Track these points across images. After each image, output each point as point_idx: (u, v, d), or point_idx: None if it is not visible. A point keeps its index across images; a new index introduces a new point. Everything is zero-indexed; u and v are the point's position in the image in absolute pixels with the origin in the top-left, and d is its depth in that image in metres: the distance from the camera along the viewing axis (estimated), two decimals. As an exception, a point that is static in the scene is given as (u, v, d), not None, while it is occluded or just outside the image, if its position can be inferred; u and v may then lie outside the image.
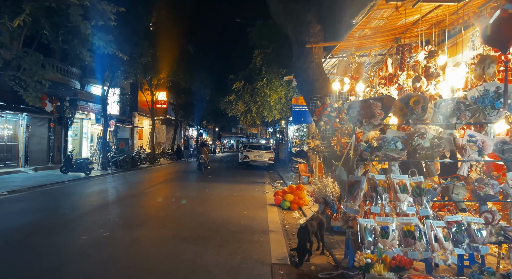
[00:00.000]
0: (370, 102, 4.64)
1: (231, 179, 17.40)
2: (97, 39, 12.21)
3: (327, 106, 7.43)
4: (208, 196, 11.60)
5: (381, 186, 4.43)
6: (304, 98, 8.07)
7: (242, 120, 17.14)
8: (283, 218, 8.69)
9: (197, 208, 9.46)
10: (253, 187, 14.33)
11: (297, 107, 13.76)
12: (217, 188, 13.87)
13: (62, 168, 18.29)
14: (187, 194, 11.96)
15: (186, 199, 10.99)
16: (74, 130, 26.04)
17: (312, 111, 7.63)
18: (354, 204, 4.45)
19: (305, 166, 15.74)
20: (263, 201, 10.84)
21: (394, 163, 4.67)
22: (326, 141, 7.39)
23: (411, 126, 4.74)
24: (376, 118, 4.61)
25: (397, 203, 4.33)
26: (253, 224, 7.73)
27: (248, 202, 10.67)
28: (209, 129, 64.64)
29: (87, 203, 10.07)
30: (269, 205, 10.13)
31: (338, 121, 7.37)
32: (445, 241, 4.12)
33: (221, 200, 10.81)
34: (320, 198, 7.16)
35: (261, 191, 13.09)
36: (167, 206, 9.69)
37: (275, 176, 20.25)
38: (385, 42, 8.33)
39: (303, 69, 7.77)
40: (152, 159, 28.42)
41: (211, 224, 7.57)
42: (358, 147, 4.66)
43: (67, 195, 11.84)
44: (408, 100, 4.70)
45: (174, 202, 10.34)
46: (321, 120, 7.42)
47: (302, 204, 9.91)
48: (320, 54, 7.84)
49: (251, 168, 24.23)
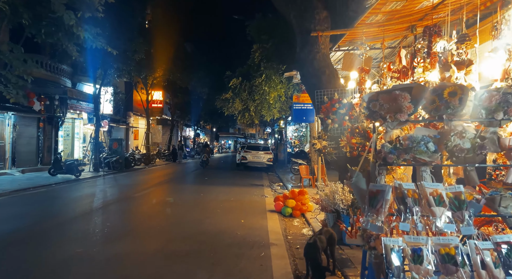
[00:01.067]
0: (396, 93, 3.77)
1: (228, 182, 16.52)
2: (84, 32, 11.31)
3: (335, 102, 6.57)
4: (203, 201, 10.72)
5: (411, 197, 3.57)
6: (309, 93, 7.21)
7: (240, 119, 16.26)
8: (285, 227, 7.82)
9: (189, 215, 8.58)
10: (251, 191, 13.46)
11: (298, 105, 12.90)
12: (213, 191, 12.99)
13: (50, 170, 17.40)
14: (180, 199, 11.08)
15: (178, 204, 10.12)
16: (66, 130, 25.11)
17: (318, 107, 6.77)
18: (377, 220, 3.59)
19: (306, 168, 14.88)
20: (262, 207, 9.97)
21: (425, 169, 3.81)
22: (334, 142, 6.53)
23: (445, 123, 3.88)
24: (403, 113, 3.75)
25: (431, 218, 3.47)
26: (252, 235, 6.85)
27: (246, 207, 9.80)
28: (206, 130, 63.73)
29: (69, 210, 9.19)
30: (269, 212, 9.26)
31: (348, 119, 6.51)
32: (495, 267, 3.26)
33: (216, 206, 9.94)
34: (328, 206, 6.31)
35: (259, 195, 12.22)
36: (157, 213, 8.80)
37: (274, 178, 19.39)
38: (398, 31, 7.47)
39: (308, 61, 6.91)
40: (147, 160, 27.52)
41: (204, 235, 6.70)
42: (382, 149, 3.79)
43: (50, 200, 10.94)
44: (441, 90, 3.84)
45: (164, 208, 9.46)
46: (329, 118, 6.56)
47: (305, 211, 9.05)
48: (326, 44, 6.98)
49: (249, 170, 23.38)
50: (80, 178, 17.10)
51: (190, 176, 18.53)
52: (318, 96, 6.78)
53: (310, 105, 12.88)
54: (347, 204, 5.97)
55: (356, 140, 6.36)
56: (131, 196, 11.37)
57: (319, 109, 6.75)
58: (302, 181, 14.47)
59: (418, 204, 3.56)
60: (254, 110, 15.51)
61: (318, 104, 6.78)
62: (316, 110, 6.90)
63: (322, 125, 6.76)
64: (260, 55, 13.75)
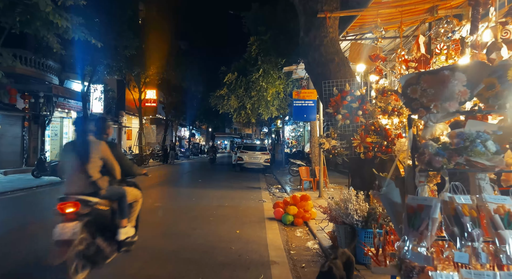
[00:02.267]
0: (444, 74, 2.79)
1: (223, 184, 15.51)
2: (64, 21, 10.27)
3: (347, 94, 5.58)
4: (194, 207, 9.70)
5: (468, 215, 2.60)
6: (315, 84, 6.22)
7: (236, 118, 15.25)
8: (287, 239, 6.82)
9: (177, 225, 7.55)
10: (248, 194, 12.46)
11: (299, 102, 11.90)
12: (206, 195, 11.98)
13: (34, 171, 16.36)
14: (168, 205, 10.07)
15: (166, 211, 9.10)
16: (54, 130, 24.02)
17: (326, 101, 5.78)
18: (420, 246, 2.62)
19: (306, 169, 13.90)
20: (260, 214, 8.97)
21: (484, 176, 2.84)
22: (345, 141, 5.54)
23: (509, 115, 2.90)
24: (454, 100, 2.77)
25: (498, 245, 2.50)
26: (249, 250, 5.85)
27: (242, 215, 8.80)
28: (202, 130, 62.71)
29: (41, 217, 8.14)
30: (267, 220, 8.26)
31: (361, 114, 5.52)
32: None
33: (209, 213, 8.92)
34: (339, 217, 5.31)
35: (257, 200, 11.21)
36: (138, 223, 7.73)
37: (272, 180, 18.39)
38: (417, 14, 6.50)
39: (314, 47, 5.92)
40: (139, 161, 26.47)
41: (191, 252, 5.69)
42: (425, 149, 2.80)
43: (23, 206, 9.91)
44: (503, 71, 2.87)
45: (148, 217, 8.43)
46: (339, 113, 5.58)
47: (308, 218, 8.06)
48: (335, 27, 5.99)
49: (245, 171, 22.38)
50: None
51: (183, 178, 17.51)
52: (326, 87, 5.78)
53: (312, 102, 11.90)
54: (363, 215, 4.99)
55: (372, 138, 5.39)
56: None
57: (327, 103, 5.75)
58: (302, 184, 13.49)
59: (479, 226, 2.59)
60: (250, 107, 14.50)
61: (326, 97, 5.78)
62: (324, 104, 5.90)
63: (330, 121, 5.77)
64: (257, 48, 12.75)
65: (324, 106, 5.86)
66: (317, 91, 6.26)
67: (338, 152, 5.48)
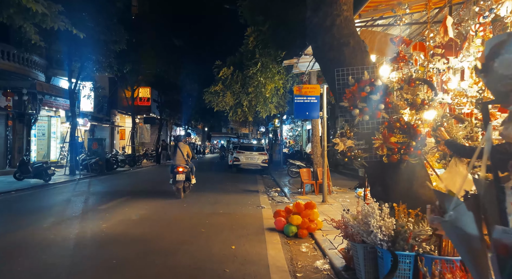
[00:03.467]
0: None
1: (217, 187, 14.47)
2: (39, 6, 9.21)
3: (366, 83, 4.57)
4: (183, 215, 8.67)
5: None
6: (325, 73, 5.19)
7: (231, 116, 14.19)
8: (291, 256, 5.79)
9: (162, 239, 6.52)
10: (245, 199, 11.44)
11: (300, 98, 10.89)
12: (199, 200, 10.96)
13: (16, 173, 15.25)
14: (155, 213, 9.02)
15: (152, 221, 8.05)
16: (41, 129, 22.90)
17: (339, 92, 4.77)
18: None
19: (307, 171, 12.89)
20: (259, 223, 7.94)
21: None
22: (363, 141, 4.53)
23: None
24: None
25: None
26: (246, 273, 4.83)
27: (238, 224, 7.77)
28: (198, 129, 61.64)
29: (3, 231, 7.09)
30: (267, 231, 7.24)
31: (384, 109, 4.51)
32: None
33: (200, 222, 7.89)
34: (357, 235, 4.31)
35: (255, 205, 10.19)
36: (118, 237, 6.66)
37: (270, 182, 17.39)
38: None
39: (324, 28, 4.90)
40: (132, 161, 25.39)
41: (176, 276, 4.66)
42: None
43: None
44: None
45: (131, 229, 7.38)
46: (356, 107, 4.56)
47: (313, 229, 7.05)
48: (350, 4, 4.97)
49: (242, 172, 21.36)
50: (50, 183, 15.00)
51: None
52: (339, 76, 4.77)
53: (314, 98, 10.90)
54: (389, 234, 3.98)
55: (397, 138, 4.38)
56: (95, 210, 9.25)
57: (341, 95, 4.74)
58: (304, 187, 12.47)
59: None
60: (247, 105, 13.46)
61: (340, 88, 4.77)
62: (336, 96, 4.88)
63: (345, 117, 4.76)
64: (254, 40, 11.70)
65: (338, 98, 4.84)
66: (328, 81, 5.24)
67: (355, 154, 4.47)
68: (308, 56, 10.67)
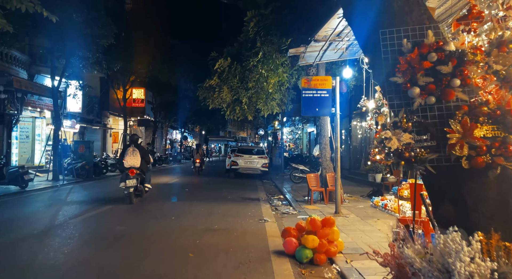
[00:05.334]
0: None
1: (213, 195, 12.89)
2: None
3: (429, 49, 3.01)
4: (170, 232, 7.07)
5: None
6: (364, 40, 3.63)
7: (229, 114, 12.61)
8: (309, 297, 4.22)
9: (136, 270, 4.91)
10: (244, 209, 9.87)
11: (309, 92, 9.35)
12: (191, 211, 9.39)
13: (-11, 179, 13.69)
14: (137, 227, 7.44)
15: (128, 240, 6.46)
16: (24, 131, 21.35)
17: (387, 64, 3.21)
18: None
19: (315, 177, 11.32)
20: (263, 244, 6.34)
21: None
22: (428, 135, 2.96)
23: None
24: None
25: None
26: None
27: (236, 246, 6.18)
28: (195, 132, 60.03)
29: None
30: (274, 255, 5.65)
31: (460, 86, 2.94)
32: None
33: (190, 242, 6.31)
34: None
35: (257, 218, 8.59)
36: (73, 268, 5.07)
37: (272, 188, 15.83)
38: None
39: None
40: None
41: None
42: None
43: None
44: None
45: (98, 253, 5.79)
46: (415, 85, 3.01)
47: (333, 253, 5.48)
48: None
49: (240, 177, 19.79)
50: (27, 190, 13.41)
51: (166, 187, 14.80)
52: (385, 41, 3.22)
53: (326, 91, 9.37)
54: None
55: (484, 131, 2.84)
56: (63, 224, 7.61)
57: (390, 66, 3.18)
58: (312, 195, 10.91)
59: None
60: (247, 102, 11.89)
61: (388, 57, 3.22)
62: (382, 69, 3.31)
63: (398, 100, 3.20)
64: (255, 26, 10.14)
65: (385, 73, 3.27)
66: (367, 49, 3.69)
67: (418, 155, 2.91)
68: (319, 42, 9.13)
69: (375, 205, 10.01)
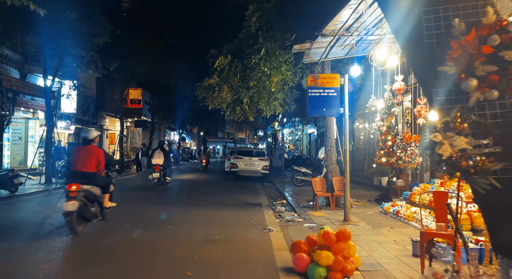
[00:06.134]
0: None
1: (212, 199, 12.24)
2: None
3: (489, 31, 2.38)
4: (165, 245, 6.41)
5: None
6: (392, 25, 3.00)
7: (229, 115, 11.98)
8: None
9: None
10: (246, 216, 9.23)
11: (315, 90, 8.73)
12: (188, 219, 8.76)
13: (-25, 184, 13.01)
14: (127, 239, 6.78)
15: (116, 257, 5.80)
16: (17, 133, 20.69)
17: (432, 49, 2.57)
18: None
19: (321, 181, 10.70)
20: (269, 258, 5.69)
21: None
22: (489, 140, 2.33)
23: None
24: None
25: None
26: None
27: (239, 262, 5.53)
28: (193, 133, 59.43)
29: None
30: (283, 273, 4.99)
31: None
32: None
33: (186, 258, 5.65)
34: None
35: (260, 227, 7.93)
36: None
37: (273, 192, 15.19)
38: None
39: None
40: (120, 167, 23.11)
41: None
42: None
43: None
44: None
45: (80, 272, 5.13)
46: (472, 75, 2.37)
47: (350, 271, 4.84)
48: None
49: (240, 180, 19.14)
50: (16, 194, 12.77)
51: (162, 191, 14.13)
52: (429, 22, 2.59)
53: (333, 90, 8.74)
54: None
55: None
56: (49, 234, 6.96)
57: (440, 53, 2.55)
58: (318, 201, 10.27)
59: None
60: (248, 102, 11.25)
61: (433, 42, 2.58)
62: (423, 57, 2.67)
63: (449, 94, 2.56)
64: (258, 20, 9.52)
65: (429, 61, 2.64)
66: (402, 34, 3.04)
67: (478, 164, 2.27)
68: (326, 37, 8.51)
69: (385, 211, 9.38)
